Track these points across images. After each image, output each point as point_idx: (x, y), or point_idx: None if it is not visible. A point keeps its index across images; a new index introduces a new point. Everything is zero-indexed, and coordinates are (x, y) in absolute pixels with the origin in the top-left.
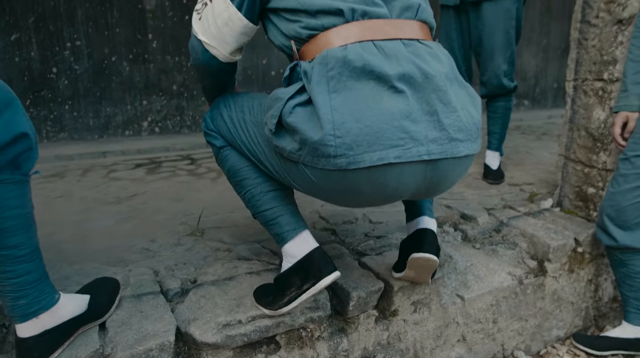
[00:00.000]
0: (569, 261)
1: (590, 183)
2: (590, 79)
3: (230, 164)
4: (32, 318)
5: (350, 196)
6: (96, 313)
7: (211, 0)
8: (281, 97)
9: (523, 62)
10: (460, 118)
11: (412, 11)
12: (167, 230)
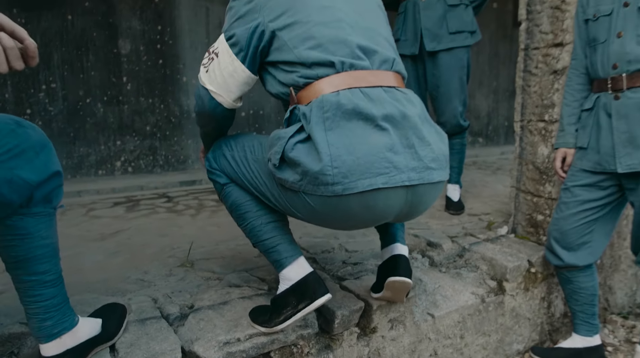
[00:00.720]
0: (524, 280)
1: (538, 211)
2: (534, 120)
3: (233, 199)
4: (55, 338)
5: (344, 218)
6: (108, 335)
7: (217, 55)
8: (283, 136)
9: (476, 103)
10: (433, 150)
11: (388, 64)
12: (158, 262)
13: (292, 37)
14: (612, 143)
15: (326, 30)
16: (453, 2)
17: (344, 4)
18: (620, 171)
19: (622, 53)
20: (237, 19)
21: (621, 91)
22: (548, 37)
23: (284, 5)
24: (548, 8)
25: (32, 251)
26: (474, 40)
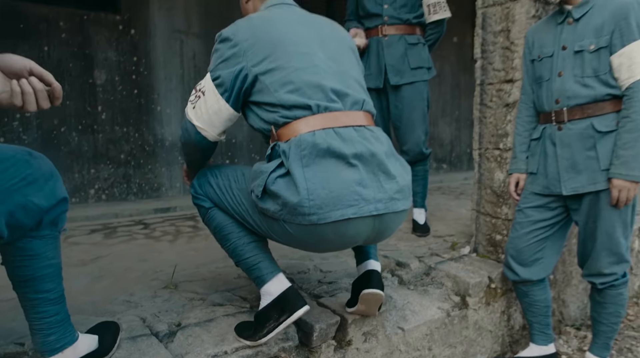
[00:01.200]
0: (485, 295)
1: (497, 231)
2: (491, 148)
3: (217, 222)
4: (58, 353)
5: (319, 243)
6: (104, 350)
7: (204, 93)
8: (265, 170)
9: (439, 131)
10: (398, 182)
11: (359, 105)
12: (142, 285)
13: (273, 82)
14: (557, 169)
15: (304, 76)
16: (412, 41)
17: (320, 50)
18: (565, 193)
19: (562, 90)
20: (223, 61)
21: (563, 122)
22: (500, 74)
23: (265, 52)
24: (499, 48)
25: (39, 271)
26: (430, 75)
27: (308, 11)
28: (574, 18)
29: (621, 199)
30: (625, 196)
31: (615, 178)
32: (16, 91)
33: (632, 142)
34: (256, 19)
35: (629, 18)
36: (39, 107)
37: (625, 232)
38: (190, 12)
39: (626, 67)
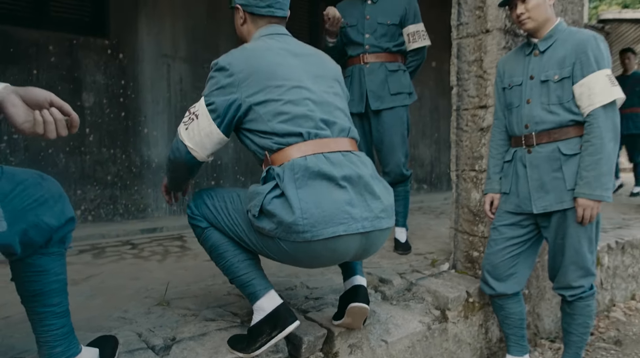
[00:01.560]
0: (463, 309)
1: (474, 248)
2: (467, 169)
3: (213, 241)
4: None
5: (312, 259)
6: None
7: (197, 117)
8: (261, 192)
9: (420, 153)
10: (382, 202)
11: (345, 132)
12: (135, 302)
13: (267, 112)
14: (528, 189)
15: (295, 108)
16: (393, 68)
17: (310, 82)
18: (535, 211)
19: (531, 116)
20: (217, 89)
21: (532, 146)
22: (475, 101)
23: (260, 85)
24: (473, 76)
25: (47, 286)
26: (411, 100)
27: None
28: (539, 50)
29: (585, 216)
30: (589, 214)
31: (580, 197)
32: (39, 120)
33: (593, 164)
34: (251, 50)
35: (587, 52)
36: (58, 134)
37: (591, 247)
38: (177, 37)
39: (586, 96)
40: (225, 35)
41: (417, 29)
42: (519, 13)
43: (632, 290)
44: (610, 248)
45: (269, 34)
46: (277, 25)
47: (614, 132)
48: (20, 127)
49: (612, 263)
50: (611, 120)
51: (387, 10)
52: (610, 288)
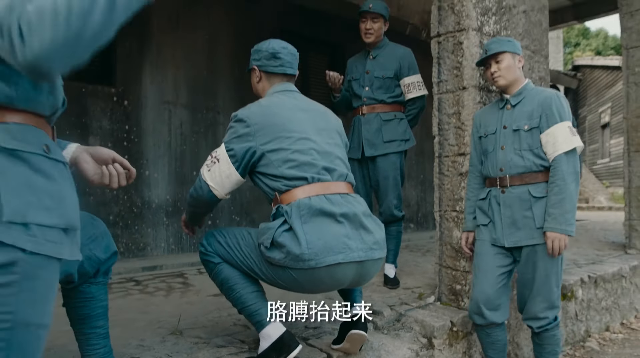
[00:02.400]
0: (448, 337)
1: (457, 282)
2: (449, 210)
3: (224, 275)
4: None
5: (315, 285)
6: None
7: (218, 160)
8: (272, 227)
9: (406, 193)
10: (374, 236)
11: (343, 177)
12: (150, 333)
13: (278, 159)
14: (502, 225)
15: (302, 157)
16: (387, 118)
17: (315, 134)
18: (507, 245)
19: (505, 160)
20: (236, 137)
21: (506, 187)
22: (454, 148)
23: (272, 135)
24: (453, 127)
25: (94, 310)
26: (407, 146)
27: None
28: (511, 104)
29: (555, 248)
30: (558, 245)
31: (549, 231)
32: (105, 173)
33: (558, 203)
34: (265, 105)
35: (552, 107)
36: (120, 185)
37: (557, 282)
38: (179, 85)
39: (551, 144)
40: (222, 83)
41: (413, 80)
42: (493, 71)
43: (606, 322)
44: (584, 282)
45: (281, 90)
46: (288, 83)
47: (575, 176)
48: (91, 178)
49: (585, 296)
50: (572, 165)
51: (384, 65)
52: (585, 320)
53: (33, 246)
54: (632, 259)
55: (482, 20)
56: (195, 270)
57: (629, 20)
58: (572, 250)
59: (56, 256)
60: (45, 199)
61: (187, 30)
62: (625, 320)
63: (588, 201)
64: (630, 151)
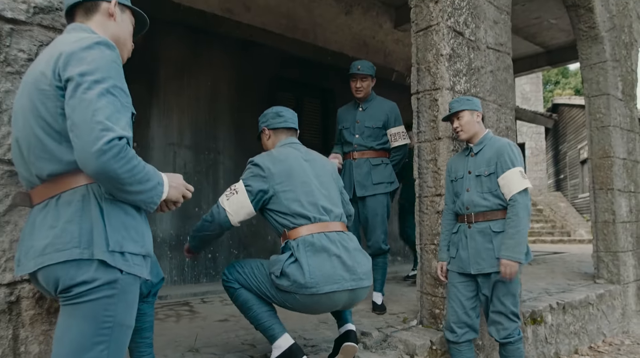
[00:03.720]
0: (428, 354)
1: (436, 307)
2: (428, 243)
3: (243, 298)
4: None
5: (316, 307)
6: None
7: (237, 192)
8: (281, 260)
9: (393, 228)
10: (363, 268)
11: (338, 217)
12: (170, 350)
13: (286, 198)
14: (468, 255)
15: (305, 197)
16: (376, 162)
17: (315, 179)
18: (473, 272)
19: (470, 201)
20: (253, 177)
21: (472, 223)
22: (432, 190)
23: (282, 179)
24: (430, 172)
25: (144, 324)
26: (392, 188)
27: None
28: (474, 152)
29: (506, 273)
30: (510, 271)
31: (503, 258)
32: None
33: (514, 235)
34: (276, 156)
35: (504, 155)
36: None
37: (514, 301)
38: (183, 128)
39: (507, 186)
40: (223, 127)
41: (398, 130)
42: (455, 127)
43: (575, 345)
44: (552, 308)
45: (287, 143)
46: (292, 137)
47: (527, 211)
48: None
49: (554, 321)
50: (525, 202)
51: (373, 116)
52: (554, 343)
53: (128, 268)
54: (599, 288)
55: (454, 80)
56: (198, 299)
57: (589, 72)
58: (546, 280)
59: (140, 276)
60: (133, 234)
61: (191, 78)
62: (593, 343)
63: (570, 235)
64: (595, 188)
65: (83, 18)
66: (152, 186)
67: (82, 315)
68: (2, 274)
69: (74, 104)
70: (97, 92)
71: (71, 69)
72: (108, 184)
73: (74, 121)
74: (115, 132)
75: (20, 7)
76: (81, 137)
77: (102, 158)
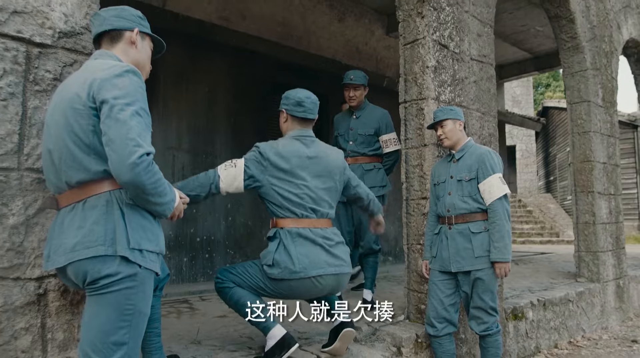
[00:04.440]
0: (414, 347)
1: (422, 303)
2: (414, 243)
3: (237, 296)
4: None
5: (305, 291)
6: None
7: (235, 166)
8: (271, 250)
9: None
10: (343, 256)
11: (324, 216)
12: (174, 343)
13: (278, 194)
14: (449, 254)
15: (295, 198)
16: (368, 168)
17: (311, 180)
18: (453, 270)
19: (451, 204)
20: (254, 161)
21: (452, 224)
22: (418, 193)
23: (279, 175)
24: (417, 176)
25: (153, 315)
26: (384, 191)
27: None
28: (456, 159)
29: (501, 273)
30: (504, 271)
31: (496, 261)
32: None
33: (499, 239)
34: (282, 149)
35: (485, 162)
36: None
37: (492, 297)
38: (182, 132)
39: (488, 192)
40: (220, 131)
41: (389, 137)
42: (439, 134)
43: (555, 340)
44: (533, 305)
45: (299, 136)
46: (306, 129)
47: (508, 215)
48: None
49: (535, 317)
50: (505, 207)
51: (366, 124)
52: (535, 338)
53: (145, 264)
54: (579, 286)
55: (439, 90)
56: (197, 297)
57: (571, 79)
58: (531, 279)
59: (155, 271)
60: (149, 234)
61: (190, 85)
62: (572, 338)
63: (558, 235)
64: (576, 191)
65: (108, 45)
66: (168, 201)
67: (107, 303)
68: (32, 270)
69: (109, 123)
70: (129, 114)
71: (105, 93)
72: (134, 191)
73: (110, 138)
74: (144, 149)
75: (46, 33)
76: (117, 151)
77: (135, 169)
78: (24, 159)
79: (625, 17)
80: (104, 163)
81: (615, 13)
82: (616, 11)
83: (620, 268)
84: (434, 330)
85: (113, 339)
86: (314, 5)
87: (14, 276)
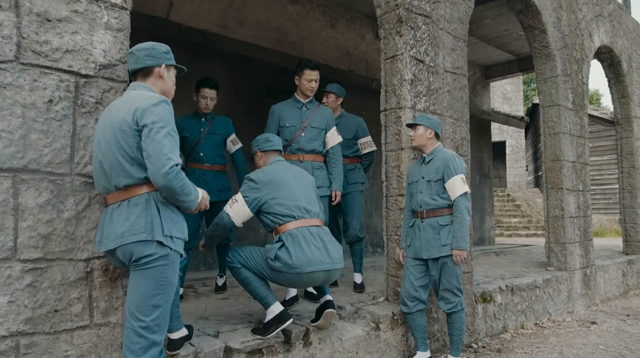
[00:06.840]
0: (390, 323)
1: (398, 286)
2: (393, 234)
3: (244, 275)
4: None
5: (301, 282)
6: (190, 336)
7: (237, 201)
8: (274, 247)
9: (374, 222)
10: (336, 254)
11: (317, 215)
12: (184, 318)
13: (276, 204)
14: (421, 243)
15: (290, 202)
16: (350, 167)
17: (298, 187)
18: (424, 257)
19: (422, 201)
20: (249, 189)
21: (423, 218)
22: (396, 191)
23: (272, 189)
24: (395, 176)
25: None
26: (363, 187)
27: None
28: (426, 161)
29: (457, 260)
30: (460, 258)
31: (454, 248)
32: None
33: (459, 230)
34: (267, 171)
35: (449, 165)
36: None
37: (458, 279)
38: None
39: (452, 190)
40: None
41: (366, 140)
42: (410, 136)
43: (522, 322)
44: (502, 290)
45: (276, 161)
46: (278, 156)
47: (468, 211)
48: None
49: (503, 300)
50: (465, 204)
51: (346, 129)
52: (502, 319)
53: (174, 247)
54: (547, 274)
55: (415, 100)
56: (200, 283)
57: (543, 85)
58: (505, 268)
59: (181, 253)
60: (178, 225)
61: (190, 89)
62: (538, 321)
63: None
64: (547, 187)
65: (142, 79)
66: (192, 199)
67: (147, 276)
68: (81, 253)
69: (148, 142)
70: (162, 135)
71: (146, 118)
72: (167, 193)
73: (149, 153)
74: (174, 161)
75: (90, 66)
76: (154, 163)
77: (167, 177)
78: (75, 167)
79: (597, 25)
80: (144, 171)
81: (587, 22)
82: (588, 20)
83: (587, 258)
84: (406, 308)
85: (151, 302)
86: (308, 12)
87: (68, 257)
